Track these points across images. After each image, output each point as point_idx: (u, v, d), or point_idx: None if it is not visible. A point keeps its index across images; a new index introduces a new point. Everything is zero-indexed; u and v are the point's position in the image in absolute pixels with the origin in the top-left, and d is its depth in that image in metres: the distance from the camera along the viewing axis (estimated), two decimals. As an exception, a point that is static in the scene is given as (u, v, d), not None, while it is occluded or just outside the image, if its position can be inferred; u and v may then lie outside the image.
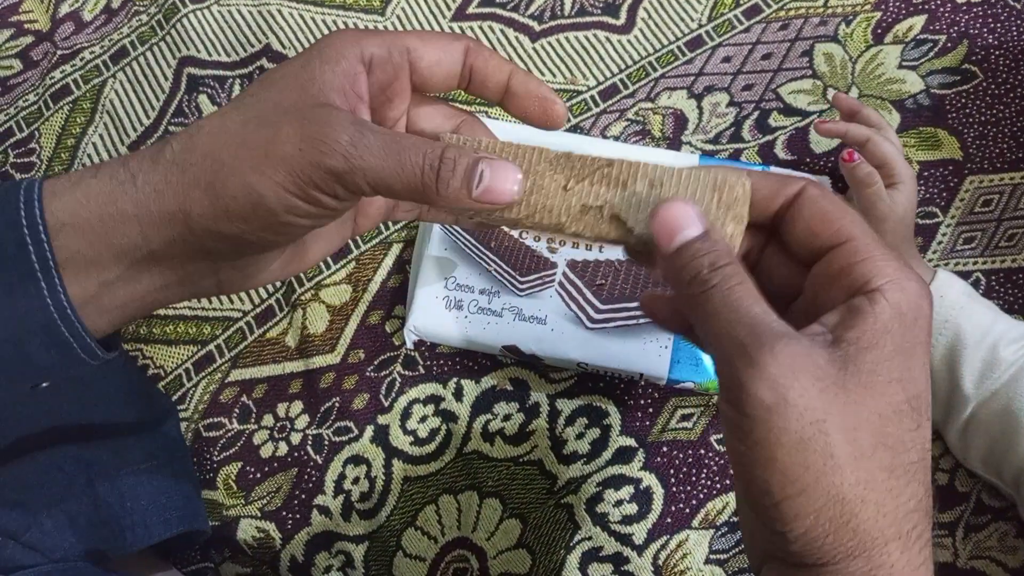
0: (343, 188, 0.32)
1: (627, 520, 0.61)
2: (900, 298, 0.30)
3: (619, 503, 0.61)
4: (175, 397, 0.66)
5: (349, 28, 0.37)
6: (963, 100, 0.70)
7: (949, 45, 0.72)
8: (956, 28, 0.72)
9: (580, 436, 0.63)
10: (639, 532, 0.61)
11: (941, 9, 0.73)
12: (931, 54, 0.72)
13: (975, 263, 0.66)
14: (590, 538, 0.61)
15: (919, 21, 0.73)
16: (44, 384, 0.37)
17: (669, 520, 0.61)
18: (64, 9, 0.78)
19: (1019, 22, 0.72)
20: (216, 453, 0.64)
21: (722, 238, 0.31)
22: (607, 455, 0.62)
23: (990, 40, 0.72)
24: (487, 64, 0.37)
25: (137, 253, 0.34)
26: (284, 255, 0.39)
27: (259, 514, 0.63)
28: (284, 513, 0.63)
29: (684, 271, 0.30)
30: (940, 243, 0.67)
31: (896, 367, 0.29)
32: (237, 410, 0.65)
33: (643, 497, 0.61)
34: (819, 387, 0.28)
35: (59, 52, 0.76)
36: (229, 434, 0.65)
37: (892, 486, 0.29)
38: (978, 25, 0.72)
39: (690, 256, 0.30)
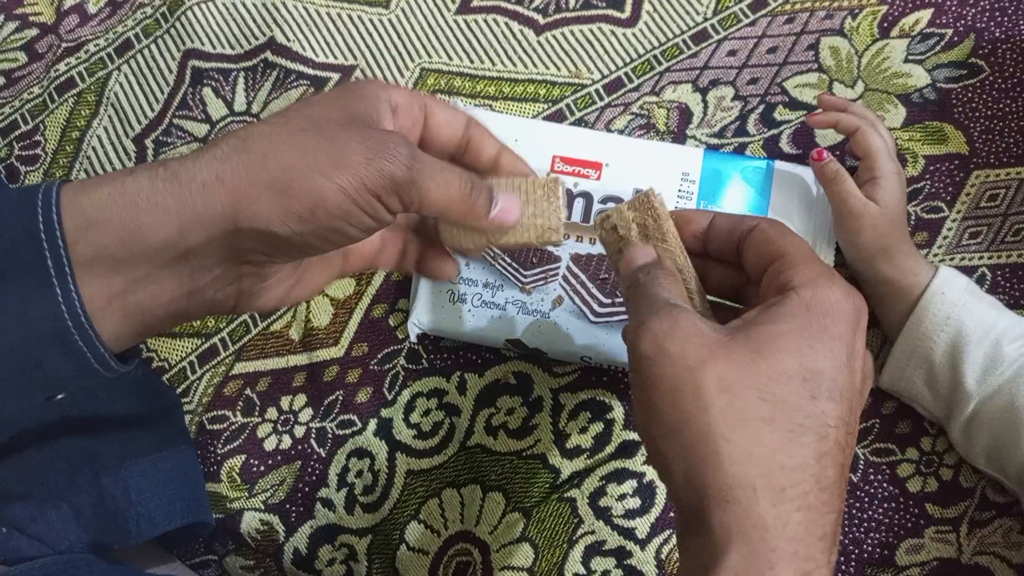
0: (398, 201, 0.36)
1: (630, 514, 0.61)
2: (810, 293, 0.34)
3: (622, 497, 0.61)
4: (179, 390, 0.66)
5: (372, 80, 0.41)
6: (970, 94, 0.70)
7: (956, 39, 0.71)
8: (963, 22, 0.72)
9: (583, 430, 0.63)
10: (642, 526, 0.61)
11: (948, 3, 0.73)
12: (937, 48, 0.71)
13: (981, 258, 0.66)
14: (593, 532, 0.61)
15: (925, 15, 0.72)
16: (59, 396, 0.37)
17: (672, 515, 0.61)
18: (69, 2, 0.78)
19: (1027, 16, 0.72)
20: (220, 446, 0.65)
21: (668, 263, 0.41)
22: (610, 449, 0.62)
23: (997, 34, 0.71)
24: (483, 139, 0.45)
25: (169, 252, 0.34)
26: (292, 279, 0.43)
27: (263, 507, 0.64)
28: (288, 506, 0.64)
29: (630, 279, 0.40)
30: (945, 238, 0.66)
31: (792, 342, 0.33)
32: (241, 403, 0.66)
33: (646, 491, 0.61)
34: (697, 342, 0.33)
35: (64, 45, 0.76)
36: (233, 427, 0.65)
37: (765, 437, 0.31)
38: (985, 19, 0.72)
39: (636, 271, 0.40)
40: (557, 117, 0.71)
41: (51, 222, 0.32)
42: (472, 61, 0.74)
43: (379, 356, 0.66)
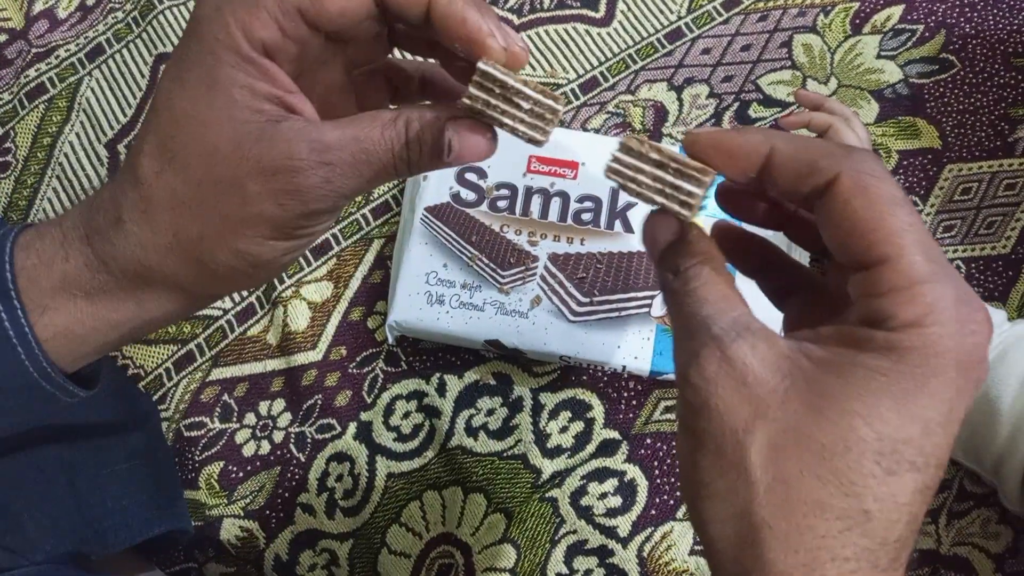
0: (329, 214, 0.33)
1: (611, 513, 0.61)
2: (915, 341, 0.25)
3: (603, 496, 0.61)
4: (156, 397, 0.65)
5: (220, 1, 0.30)
6: (941, 89, 0.70)
7: (927, 34, 0.72)
8: (934, 17, 0.73)
9: (564, 429, 0.63)
10: (624, 524, 0.61)
11: (919, -1, 0.73)
12: (909, 44, 0.72)
13: (955, 251, 0.66)
14: (575, 531, 0.61)
15: (897, 11, 0.73)
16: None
17: (653, 512, 0.61)
18: (38, 7, 0.77)
19: (995, 11, 0.72)
20: (198, 453, 0.64)
21: (696, 235, 0.30)
22: (591, 448, 0.62)
23: (967, 29, 0.72)
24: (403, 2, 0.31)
25: (131, 323, 0.34)
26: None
27: (242, 513, 0.63)
28: (268, 512, 0.63)
29: (659, 275, 0.31)
30: (920, 232, 0.67)
31: (871, 405, 0.25)
32: (219, 409, 0.65)
33: (627, 489, 0.61)
34: (748, 394, 0.26)
35: (34, 50, 0.75)
36: (211, 433, 0.64)
37: (818, 526, 0.26)
38: (955, 14, 0.73)
39: (662, 263, 0.30)
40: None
41: (11, 307, 0.32)
42: (447, 62, 0.74)
43: (358, 359, 0.65)
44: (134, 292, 0.33)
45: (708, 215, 0.38)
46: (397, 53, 0.38)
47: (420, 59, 0.38)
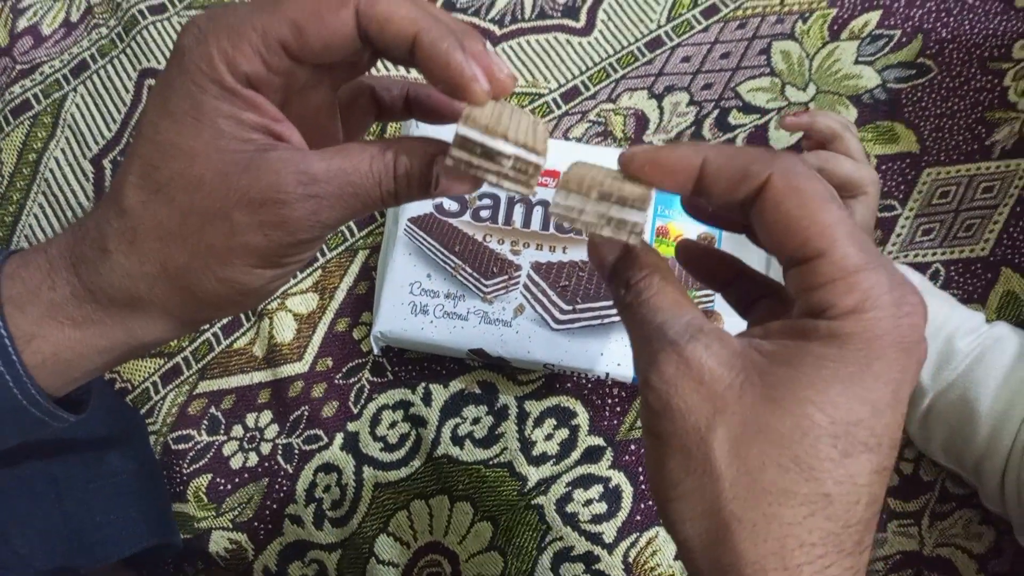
0: (316, 243, 0.33)
1: (597, 519, 0.61)
2: (854, 327, 0.26)
3: (589, 502, 0.62)
4: (143, 410, 0.66)
5: (205, 28, 0.30)
6: (919, 94, 0.71)
7: (904, 40, 0.73)
8: (911, 23, 0.73)
9: (549, 437, 0.63)
10: (609, 531, 0.61)
11: (896, 4, 0.74)
12: (887, 49, 0.73)
13: (934, 254, 0.67)
14: (561, 538, 0.61)
15: (874, 16, 0.74)
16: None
17: (639, 518, 0.62)
18: (22, 23, 0.77)
19: (971, 16, 0.73)
20: (186, 465, 0.64)
21: (642, 248, 0.31)
22: (576, 455, 0.63)
23: (944, 34, 0.73)
24: (384, 28, 0.30)
25: (119, 349, 0.34)
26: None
27: (231, 525, 0.63)
28: (256, 524, 0.63)
29: (612, 294, 0.32)
30: (899, 235, 0.67)
31: (821, 391, 0.26)
32: (206, 422, 0.65)
33: (612, 496, 0.62)
34: (707, 393, 0.27)
35: (18, 67, 0.75)
36: (198, 446, 0.65)
37: (784, 513, 0.27)
38: (932, 19, 0.73)
39: (612, 280, 0.31)
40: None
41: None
42: (430, 73, 0.74)
43: (344, 370, 0.66)
44: (122, 320, 0.34)
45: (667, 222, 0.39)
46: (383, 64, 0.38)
47: (405, 74, 0.38)
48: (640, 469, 0.63)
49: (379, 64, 0.68)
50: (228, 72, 0.30)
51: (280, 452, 0.64)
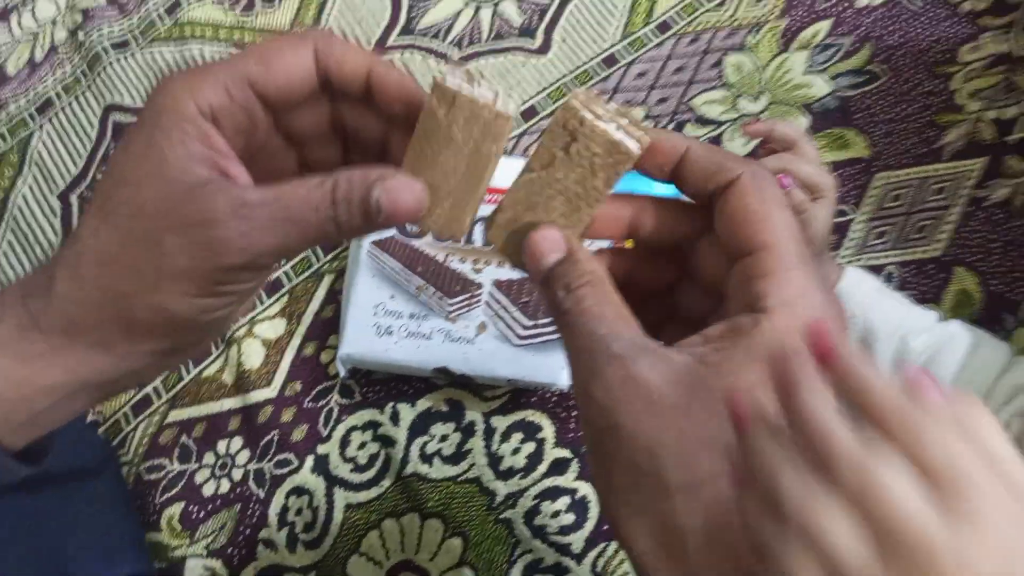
0: (249, 273, 0.32)
1: (565, 530, 0.62)
2: (788, 323, 0.27)
3: (556, 514, 0.63)
4: (115, 441, 0.66)
5: (176, 73, 0.32)
6: (869, 100, 0.73)
7: (853, 48, 0.74)
8: (859, 31, 0.75)
9: (516, 451, 0.64)
10: (577, 541, 0.62)
11: (844, 14, 0.76)
12: (836, 57, 0.74)
13: (888, 256, 0.68)
14: (531, 551, 0.62)
15: (824, 26, 0.75)
16: None
17: (606, 527, 0.62)
18: (-11, 64, 0.78)
19: (918, 23, 0.75)
20: (159, 495, 0.65)
21: (584, 255, 0.31)
22: (543, 468, 0.64)
23: (891, 41, 0.74)
24: (342, 64, 0.33)
25: (68, 388, 0.33)
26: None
27: (205, 552, 0.64)
28: (230, 550, 0.64)
29: (546, 297, 0.31)
30: (853, 239, 0.69)
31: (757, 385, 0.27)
32: (177, 450, 0.66)
33: (579, 507, 0.63)
34: (651, 410, 0.28)
35: (-15, 107, 0.77)
36: (171, 475, 0.65)
37: (734, 520, 0.26)
38: (880, 27, 0.75)
39: (550, 281, 0.31)
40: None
41: None
42: (390, 98, 0.75)
43: (312, 393, 0.67)
44: (62, 352, 0.34)
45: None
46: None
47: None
48: (607, 480, 0.63)
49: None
50: (191, 101, 0.31)
51: (252, 477, 0.65)
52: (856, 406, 0.23)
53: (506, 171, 0.63)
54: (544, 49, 0.76)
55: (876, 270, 0.67)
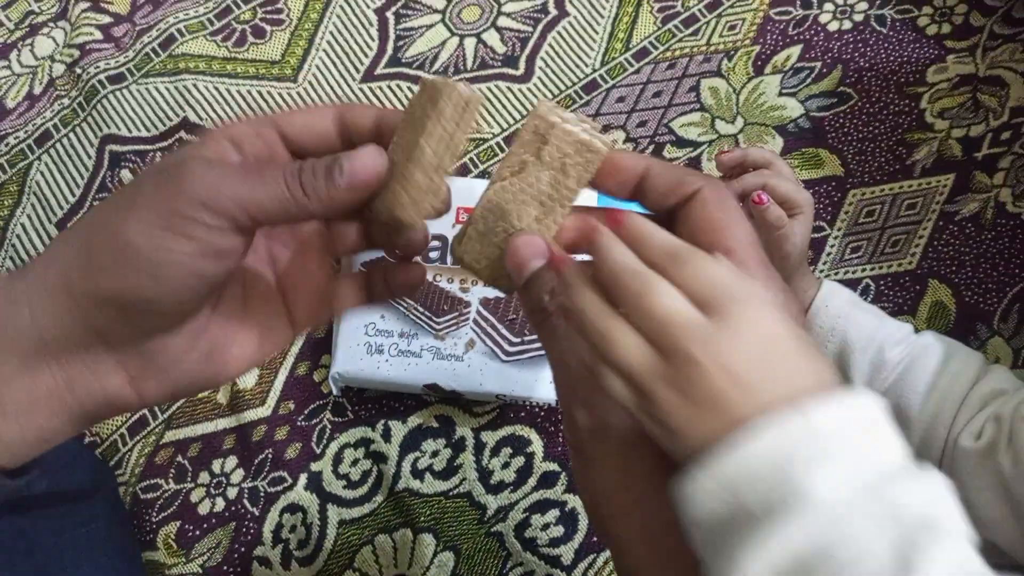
0: (210, 214, 0.32)
1: (554, 542, 0.63)
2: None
3: (546, 527, 0.64)
4: (112, 462, 0.68)
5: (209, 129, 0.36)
6: (841, 120, 0.75)
7: (824, 71, 0.77)
8: (830, 55, 0.78)
9: (505, 465, 0.66)
10: (567, 553, 0.63)
11: (815, 38, 0.79)
12: (808, 80, 0.77)
13: (863, 270, 0.70)
14: (521, 564, 0.63)
15: (795, 51, 0.78)
16: None
17: (595, 539, 0.64)
18: (-12, 98, 0.81)
19: (887, 45, 0.78)
20: (155, 514, 0.66)
21: (566, 259, 0.32)
22: (532, 481, 0.65)
23: (861, 63, 0.77)
24: (356, 116, 0.36)
25: (28, 341, 0.33)
26: (199, 352, 0.37)
27: (200, 571, 0.65)
28: (226, 568, 0.65)
29: (527, 302, 0.32)
30: (829, 254, 0.71)
31: None
32: (173, 470, 0.67)
33: (568, 519, 0.64)
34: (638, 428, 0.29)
35: (-16, 140, 0.79)
36: (166, 494, 0.67)
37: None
38: (850, 50, 0.78)
39: (532, 286, 0.32)
40: (461, 171, 0.76)
41: None
42: (379, 125, 0.78)
43: (306, 412, 0.68)
44: (34, 294, 0.33)
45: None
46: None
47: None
48: (595, 491, 0.65)
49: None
50: (220, 129, 0.34)
51: (246, 496, 0.66)
52: (637, 250, 0.29)
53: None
54: (527, 77, 0.79)
55: (853, 284, 0.69)
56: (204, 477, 0.67)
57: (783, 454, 0.25)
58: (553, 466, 0.65)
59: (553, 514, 0.64)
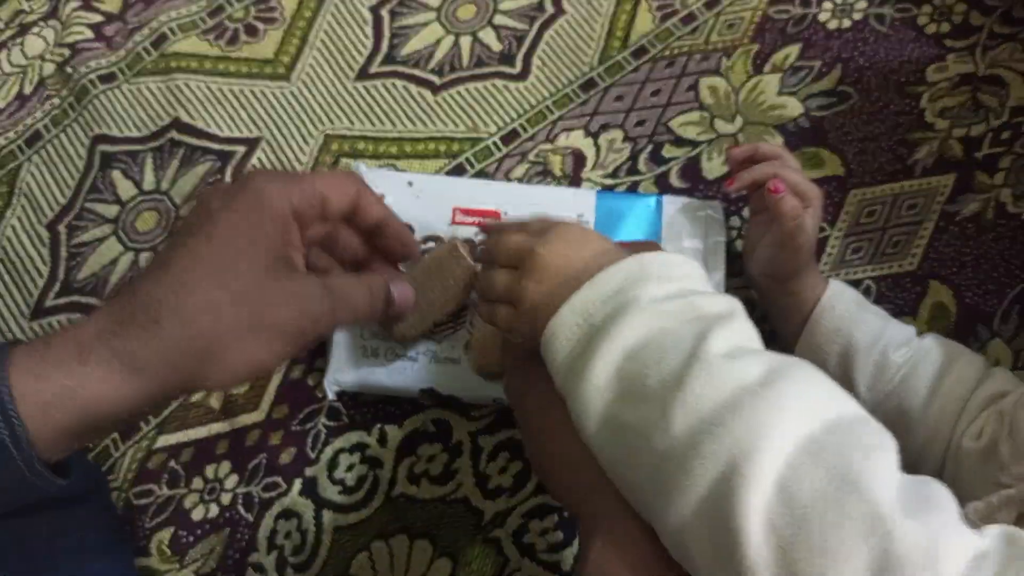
0: (320, 337, 0.44)
1: (553, 548, 0.63)
2: None
3: (544, 532, 0.63)
4: (104, 467, 0.67)
5: (269, 175, 0.43)
6: (841, 120, 0.75)
7: (824, 70, 0.77)
8: (829, 53, 0.77)
9: (503, 470, 0.65)
10: (567, 558, 0.62)
11: (814, 37, 0.78)
12: (808, 79, 0.76)
13: (864, 271, 0.70)
14: (519, 569, 0.62)
15: (795, 50, 0.77)
16: None
17: (594, 544, 0.63)
18: (-24, 99, 0.79)
19: (886, 44, 0.77)
20: (148, 520, 0.65)
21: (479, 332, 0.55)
22: (530, 486, 0.64)
23: (861, 62, 0.77)
24: (369, 206, 0.49)
25: (123, 419, 0.39)
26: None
27: (194, 577, 0.64)
28: (220, 574, 0.64)
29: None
30: (830, 255, 0.70)
31: None
32: (166, 475, 0.66)
33: (567, 524, 0.63)
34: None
35: (-27, 140, 0.78)
36: (160, 500, 0.66)
37: None
38: (849, 49, 0.77)
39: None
40: (458, 171, 0.75)
41: (7, 413, 0.34)
42: (374, 124, 0.77)
43: (300, 416, 0.67)
44: (145, 393, 0.38)
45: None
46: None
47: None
48: (593, 496, 0.64)
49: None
50: (288, 200, 0.42)
51: (240, 501, 0.65)
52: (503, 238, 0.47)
53: (481, 191, 0.66)
54: (524, 75, 0.78)
55: (854, 284, 0.68)
56: (198, 483, 0.66)
57: (624, 279, 0.40)
58: (551, 470, 0.65)
59: (552, 520, 0.63)
